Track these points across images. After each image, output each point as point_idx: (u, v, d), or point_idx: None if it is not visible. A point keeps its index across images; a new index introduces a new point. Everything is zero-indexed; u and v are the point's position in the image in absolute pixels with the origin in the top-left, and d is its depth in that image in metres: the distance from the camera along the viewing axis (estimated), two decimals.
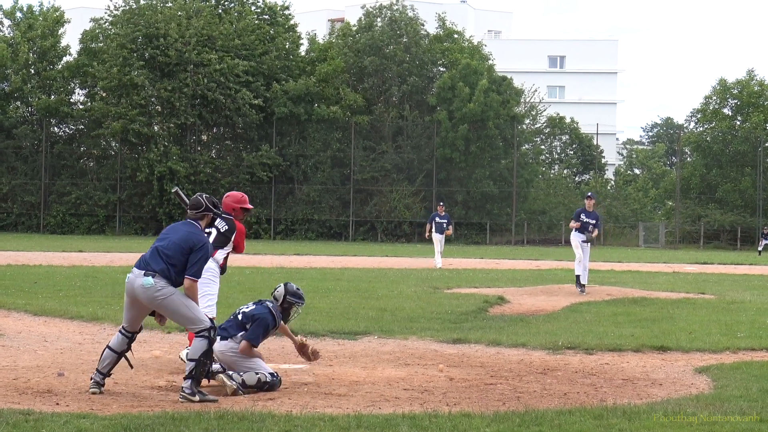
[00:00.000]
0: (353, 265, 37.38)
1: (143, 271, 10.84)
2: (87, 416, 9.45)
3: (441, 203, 38.82)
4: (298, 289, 12.12)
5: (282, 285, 12.15)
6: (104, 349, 11.23)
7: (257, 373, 11.44)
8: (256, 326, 11.71)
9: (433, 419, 9.48)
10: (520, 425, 9.26)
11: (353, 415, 9.67)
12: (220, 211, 11.54)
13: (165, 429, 8.89)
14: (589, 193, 27.46)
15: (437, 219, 36.77)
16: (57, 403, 10.39)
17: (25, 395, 10.82)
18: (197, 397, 10.62)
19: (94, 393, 10.91)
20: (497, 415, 9.75)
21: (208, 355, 10.85)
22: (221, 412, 9.68)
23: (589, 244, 25.93)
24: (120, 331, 11.24)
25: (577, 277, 25.25)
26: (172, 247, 10.92)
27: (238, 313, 11.91)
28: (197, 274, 10.93)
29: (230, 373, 11.40)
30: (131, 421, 9.14)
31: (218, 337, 11.52)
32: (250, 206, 13.22)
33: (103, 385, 11.05)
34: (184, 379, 10.77)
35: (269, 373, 11.50)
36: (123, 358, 11.21)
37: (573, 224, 26.27)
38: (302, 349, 12.44)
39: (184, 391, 10.66)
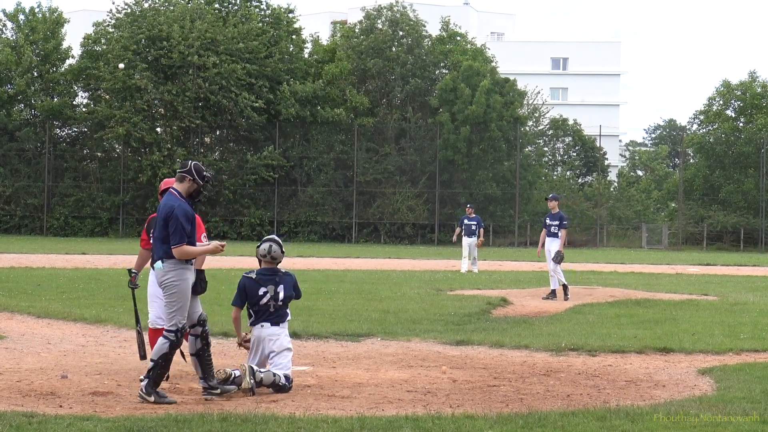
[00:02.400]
0: (356, 267, 37.38)
1: (158, 260, 10.99)
2: (90, 418, 9.46)
3: (469, 205, 37.69)
4: (278, 237, 12.27)
5: (271, 243, 12.06)
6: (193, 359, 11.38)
7: (274, 375, 11.47)
8: (297, 285, 12.09)
9: (436, 421, 9.49)
10: (524, 427, 9.27)
11: (356, 417, 9.67)
12: (204, 182, 11.35)
13: (168, 431, 8.90)
14: (551, 195, 25.90)
15: (466, 221, 36.06)
16: (60, 406, 10.40)
17: (29, 397, 10.83)
18: (153, 398, 10.70)
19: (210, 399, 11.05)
20: (500, 417, 9.75)
21: (167, 359, 10.92)
22: (224, 414, 9.69)
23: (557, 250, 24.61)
24: (190, 334, 11.31)
25: (558, 288, 24.47)
26: (159, 228, 11.02)
27: (277, 301, 11.86)
28: (177, 240, 10.89)
29: (255, 369, 11.42)
30: (134, 423, 9.15)
31: (268, 323, 11.77)
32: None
33: (213, 388, 11.19)
34: (142, 378, 10.89)
35: (284, 376, 11.54)
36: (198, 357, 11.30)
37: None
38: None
39: (141, 391, 10.79)
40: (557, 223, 25.00)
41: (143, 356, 12.00)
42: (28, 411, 9.72)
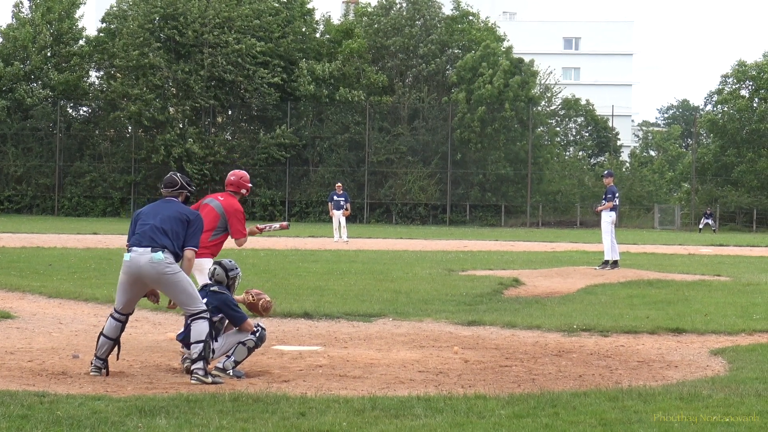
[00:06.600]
0: (368, 247, 37.36)
1: (149, 248, 10.79)
2: (102, 398, 9.46)
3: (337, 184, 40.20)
4: (230, 261, 11.75)
5: (216, 266, 11.58)
6: (99, 336, 11.14)
7: (244, 344, 11.19)
8: (231, 307, 11.32)
9: (448, 401, 9.46)
10: (536, 407, 9.24)
11: (368, 397, 9.65)
12: (193, 189, 11.52)
13: (180, 411, 8.89)
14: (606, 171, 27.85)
15: None
16: (72, 385, 10.40)
17: (40, 377, 10.84)
18: (210, 379, 10.65)
19: (95, 375, 10.93)
20: (512, 397, 9.73)
21: (211, 334, 10.88)
22: (236, 394, 9.68)
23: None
24: (112, 316, 11.12)
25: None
26: (171, 221, 10.93)
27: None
28: (197, 245, 11.05)
29: (219, 365, 11.20)
30: (146, 402, 9.14)
31: None
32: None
33: (102, 368, 11.02)
34: (194, 361, 10.76)
35: (252, 333, 11.27)
36: (117, 345, 11.16)
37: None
38: (252, 307, 12.03)
39: (197, 373, 10.67)
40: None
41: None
42: (39, 390, 9.72)
